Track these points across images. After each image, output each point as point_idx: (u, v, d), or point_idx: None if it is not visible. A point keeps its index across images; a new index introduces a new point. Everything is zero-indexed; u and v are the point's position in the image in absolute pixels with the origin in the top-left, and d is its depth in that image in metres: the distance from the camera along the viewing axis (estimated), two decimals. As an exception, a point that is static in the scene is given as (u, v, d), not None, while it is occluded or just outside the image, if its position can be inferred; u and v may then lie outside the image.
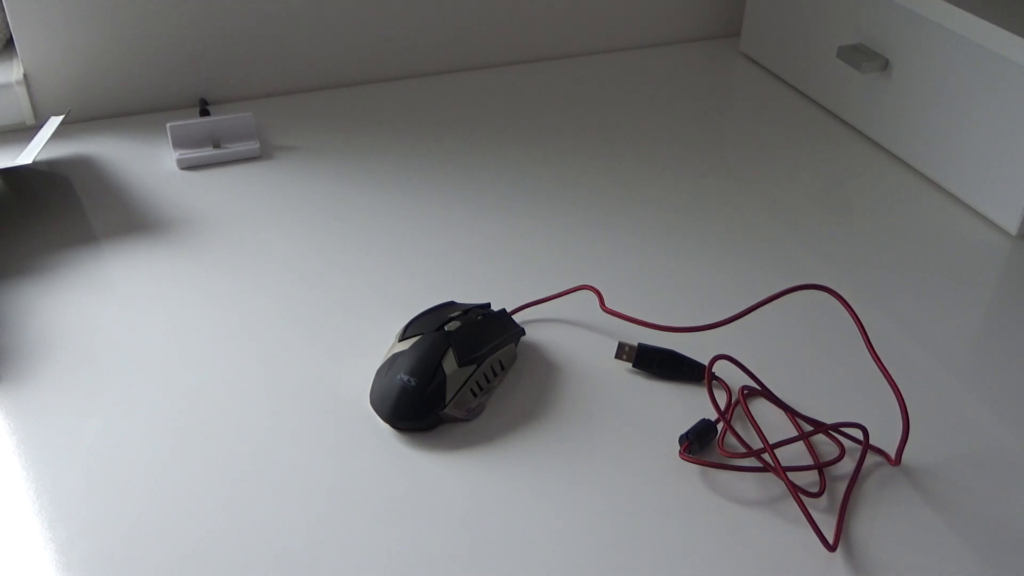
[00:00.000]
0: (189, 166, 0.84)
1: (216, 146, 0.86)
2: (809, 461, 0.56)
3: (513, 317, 0.66)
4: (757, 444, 0.58)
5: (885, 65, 0.87)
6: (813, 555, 0.51)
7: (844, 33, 0.91)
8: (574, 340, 0.65)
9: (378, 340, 0.65)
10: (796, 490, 0.52)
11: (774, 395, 0.58)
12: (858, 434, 0.58)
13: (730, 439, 0.58)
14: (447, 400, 0.57)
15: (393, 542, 0.51)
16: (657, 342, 0.65)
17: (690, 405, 0.60)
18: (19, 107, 0.89)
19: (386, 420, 0.57)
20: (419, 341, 0.59)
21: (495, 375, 0.60)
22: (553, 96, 0.98)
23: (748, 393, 0.60)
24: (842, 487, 0.55)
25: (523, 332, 0.63)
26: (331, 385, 0.61)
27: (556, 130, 0.91)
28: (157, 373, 0.62)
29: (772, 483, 0.55)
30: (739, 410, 0.60)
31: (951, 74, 0.80)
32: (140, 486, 0.54)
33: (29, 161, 0.76)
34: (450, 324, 0.60)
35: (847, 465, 0.56)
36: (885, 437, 0.58)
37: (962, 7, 0.78)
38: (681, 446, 0.56)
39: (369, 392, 0.60)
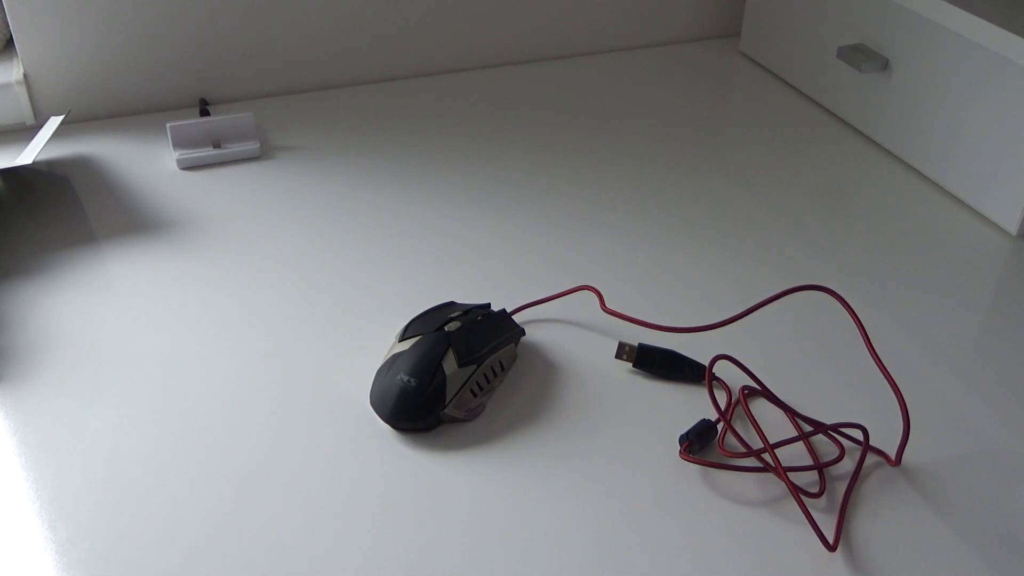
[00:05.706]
0: (189, 166, 0.84)
1: (216, 146, 0.86)
2: (809, 461, 0.56)
3: (513, 317, 0.66)
4: (757, 444, 0.58)
5: (885, 65, 0.87)
6: (813, 555, 0.51)
7: (844, 33, 0.91)
8: (574, 340, 0.65)
9: (378, 340, 0.65)
10: (796, 490, 0.52)
11: (774, 395, 0.58)
12: (858, 434, 0.58)
13: (730, 439, 0.58)
14: (447, 400, 0.57)
15: (393, 542, 0.51)
16: (657, 342, 0.65)
17: (690, 405, 0.60)
18: (19, 107, 0.89)
19: (386, 420, 0.57)
20: (419, 341, 0.59)
21: (495, 375, 0.60)
22: (553, 96, 0.98)
23: (748, 393, 0.60)
24: (842, 487, 0.55)
25: (523, 332, 0.63)
26: (331, 385, 0.61)
27: (556, 130, 0.91)
28: (157, 373, 0.62)
29: (772, 483, 0.55)
30: (739, 410, 0.60)
31: (951, 74, 0.80)
32: (140, 486, 0.54)
33: (29, 161, 0.76)
34: (450, 324, 0.60)
35: (847, 465, 0.56)
36: (885, 437, 0.58)
37: (962, 7, 0.78)
38: (681, 446, 0.56)
39: (369, 392, 0.60)
